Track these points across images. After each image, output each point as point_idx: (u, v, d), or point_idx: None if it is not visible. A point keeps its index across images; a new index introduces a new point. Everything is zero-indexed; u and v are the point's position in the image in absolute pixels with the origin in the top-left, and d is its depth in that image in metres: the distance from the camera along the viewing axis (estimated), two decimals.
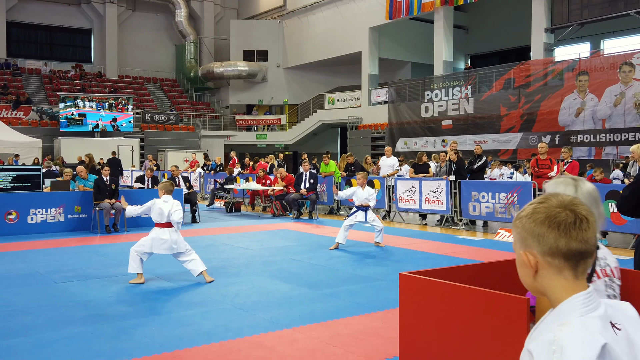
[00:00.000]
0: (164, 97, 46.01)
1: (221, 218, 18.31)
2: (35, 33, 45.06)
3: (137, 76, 46.82)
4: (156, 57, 47.86)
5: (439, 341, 3.44)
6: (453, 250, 11.61)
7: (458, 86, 28.83)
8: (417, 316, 3.58)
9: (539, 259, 1.58)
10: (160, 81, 47.71)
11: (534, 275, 1.61)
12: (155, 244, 8.51)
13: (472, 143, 27.51)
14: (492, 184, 15.30)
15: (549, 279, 1.58)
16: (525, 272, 1.64)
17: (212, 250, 11.75)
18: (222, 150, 41.20)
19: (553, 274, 1.57)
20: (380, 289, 8.16)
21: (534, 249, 1.59)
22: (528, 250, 1.60)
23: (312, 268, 9.79)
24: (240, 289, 8.14)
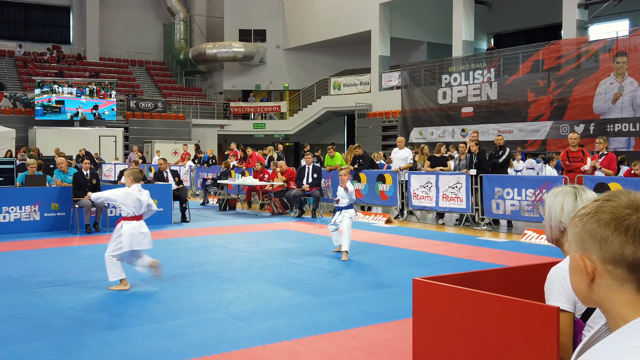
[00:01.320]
0: (151, 82, 46.04)
1: (214, 217, 18.32)
2: (7, 11, 45.11)
3: (121, 59, 46.86)
4: (142, 38, 47.88)
5: (457, 355, 3.43)
6: (474, 253, 11.59)
7: (480, 69, 28.76)
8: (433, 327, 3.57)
9: (598, 266, 1.52)
10: (147, 64, 47.73)
11: (589, 283, 1.55)
12: (136, 240, 8.45)
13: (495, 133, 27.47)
14: (517, 179, 15.27)
15: (607, 291, 1.51)
16: (579, 278, 1.58)
17: (204, 252, 11.76)
18: (215, 141, 41.25)
19: (613, 286, 1.51)
20: (391, 296, 8.15)
21: (593, 254, 1.52)
22: (586, 254, 1.54)
23: (315, 273, 9.79)
24: (235, 295, 8.14)
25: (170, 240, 13.48)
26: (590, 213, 1.54)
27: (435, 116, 30.70)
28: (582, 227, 1.55)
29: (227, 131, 42.22)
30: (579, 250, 1.56)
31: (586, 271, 1.54)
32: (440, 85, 30.54)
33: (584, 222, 1.55)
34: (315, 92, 40.78)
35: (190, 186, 26.42)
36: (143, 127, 39.01)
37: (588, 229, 1.53)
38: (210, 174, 24.31)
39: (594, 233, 1.52)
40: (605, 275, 1.51)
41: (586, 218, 1.55)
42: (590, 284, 1.54)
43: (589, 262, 1.53)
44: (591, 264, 1.53)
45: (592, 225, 1.52)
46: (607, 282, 1.51)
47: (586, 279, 1.55)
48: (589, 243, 1.53)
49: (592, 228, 1.52)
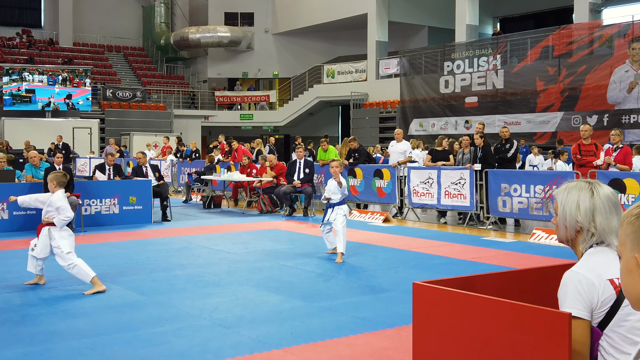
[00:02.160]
0: (129, 69, 45.93)
1: (197, 215, 18.29)
2: None
3: (97, 44, 46.74)
4: (119, 21, 47.76)
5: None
6: (478, 255, 11.60)
7: (485, 56, 28.79)
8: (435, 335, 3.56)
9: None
10: (125, 50, 47.62)
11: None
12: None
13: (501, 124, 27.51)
14: (526, 174, 15.29)
15: None
16: (634, 282, 1.60)
17: (187, 254, 11.74)
18: (198, 133, 41.21)
19: None
20: (389, 301, 8.14)
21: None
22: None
23: (307, 276, 9.78)
24: (221, 301, 8.13)
25: (149, 240, 13.45)
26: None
27: (437, 106, 30.73)
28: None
29: (212, 123, 42.18)
30: (637, 250, 1.58)
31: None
32: (442, 73, 30.56)
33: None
34: (307, 80, 40.75)
35: (171, 182, 26.39)
36: (120, 118, 38.93)
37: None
38: (194, 169, 24.27)
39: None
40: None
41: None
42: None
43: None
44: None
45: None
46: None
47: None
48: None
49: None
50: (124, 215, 15.95)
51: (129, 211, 16.03)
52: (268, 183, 19.16)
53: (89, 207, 15.53)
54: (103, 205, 15.72)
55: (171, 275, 9.81)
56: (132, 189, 16.15)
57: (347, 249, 11.94)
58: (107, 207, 15.77)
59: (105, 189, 15.85)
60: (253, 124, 43.02)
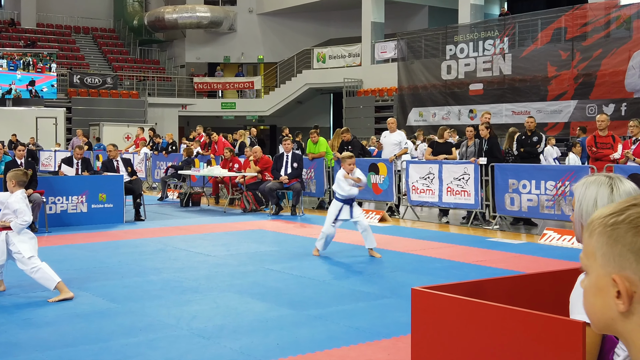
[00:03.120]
0: (99, 53, 45.80)
1: (174, 214, 18.27)
2: None
3: (63, 25, 46.58)
4: (88, 0, 47.58)
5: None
6: (484, 258, 11.62)
7: (491, 38, 28.82)
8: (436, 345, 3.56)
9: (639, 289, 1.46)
10: (94, 32, 47.48)
11: (625, 311, 1.48)
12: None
13: (509, 114, 27.59)
14: (536, 169, 15.31)
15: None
16: (604, 304, 1.52)
17: (162, 257, 11.72)
18: (175, 123, 41.15)
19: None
20: (386, 309, 8.15)
21: (634, 274, 1.46)
22: (623, 273, 1.47)
23: (295, 281, 9.78)
24: (200, 309, 8.12)
25: (121, 242, 13.42)
26: (632, 222, 1.47)
27: (438, 94, 30.75)
28: (619, 238, 1.48)
29: (190, 112, 42.10)
30: (612, 268, 1.50)
31: (626, 294, 1.47)
32: (444, 57, 30.58)
33: (622, 232, 1.48)
34: (296, 65, 40.71)
35: (145, 178, 26.34)
36: (89, 107, 38.81)
37: (630, 243, 1.46)
38: (170, 163, 24.23)
39: (638, 248, 1.45)
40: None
41: (625, 227, 1.48)
42: (625, 310, 1.48)
43: (628, 283, 1.47)
44: (630, 287, 1.47)
45: (636, 237, 1.46)
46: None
47: (623, 305, 1.48)
48: (629, 260, 1.46)
49: (635, 242, 1.46)
50: (93, 214, 15.90)
51: (98, 210, 15.99)
52: (252, 179, 19.14)
53: (54, 206, 15.48)
54: (70, 204, 15.66)
55: (145, 280, 9.79)
56: (102, 186, 16.10)
57: (338, 252, 11.96)
58: (74, 205, 15.72)
59: (72, 186, 15.80)
60: (236, 113, 42.96)
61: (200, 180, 21.93)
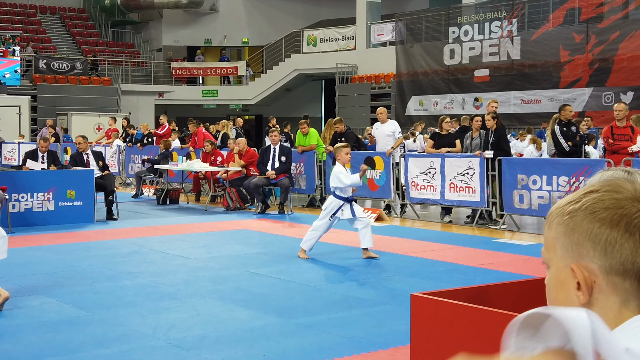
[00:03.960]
0: (67, 35, 45.68)
1: (150, 213, 18.24)
2: None
3: (27, 4, 46.42)
4: None
5: None
6: (490, 261, 11.63)
7: (498, 20, 28.85)
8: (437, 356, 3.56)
9: (599, 278, 1.50)
10: (62, 12, 47.34)
11: (585, 301, 1.52)
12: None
13: (517, 103, 27.62)
14: (547, 163, 15.32)
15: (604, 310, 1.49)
16: (566, 297, 1.56)
17: (137, 260, 11.70)
18: (151, 112, 41.05)
19: (614, 303, 1.50)
20: (383, 316, 8.15)
21: (593, 262, 1.50)
22: (582, 263, 1.52)
23: (283, 286, 9.77)
24: (178, 317, 8.11)
25: (91, 244, 13.39)
26: (587, 208, 1.52)
27: (440, 81, 30.77)
28: (576, 226, 1.52)
29: (168, 100, 42.01)
30: (570, 258, 1.54)
31: (585, 285, 1.51)
32: (447, 41, 30.59)
33: (578, 220, 1.52)
34: (284, 49, 40.69)
35: (118, 172, 26.29)
36: (56, 95, 38.71)
37: (586, 230, 1.51)
38: (145, 157, 24.20)
39: (595, 235, 1.49)
40: (608, 290, 1.50)
41: (581, 215, 1.52)
42: (586, 301, 1.52)
43: (587, 273, 1.51)
44: (589, 276, 1.51)
45: (592, 224, 1.50)
46: (607, 299, 1.50)
47: (583, 296, 1.52)
48: (586, 247, 1.51)
49: (591, 228, 1.50)
50: (61, 212, 15.85)
51: (66, 208, 15.94)
52: (236, 174, 19.12)
53: (17, 203, 15.43)
54: (35, 201, 15.62)
55: (118, 285, 9.77)
56: (71, 181, 16.05)
57: (330, 254, 11.95)
58: (40, 203, 15.67)
59: (37, 181, 15.75)
60: (218, 101, 42.89)
61: (179, 176, 21.88)
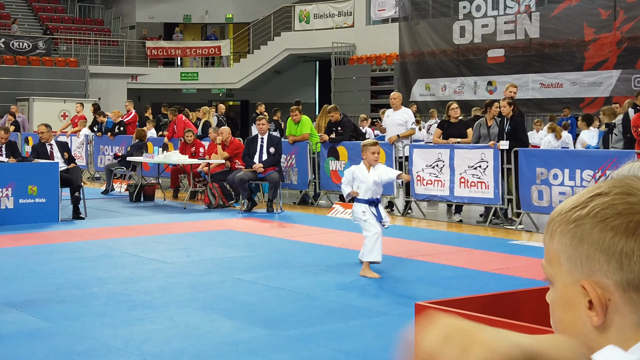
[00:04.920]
0: (28, 10, 45.59)
1: (122, 211, 18.22)
2: None
3: None
4: None
5: None
6: (505, 265, 11.63)
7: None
8: None
9: (615, 296, 1.43)
10: None
11: (599, 323, 1.45)
12: None
13: (536, 87, 27.61)
14: (569, 155, 15.32)
15: (623, 330, 1.44)
16: (575, 318, 1.49)
17: (107, 264, 11.68)
18: (123, 98, 40.86)
19: (633, 322, 1.43)
20: (384, 328, 8.15)
21: (606, 278, 1.43)
22: (594, 279, 1.45)
23: (272, 294, 9.78)
24: (153, 329, 8.10)
25: (56, 246, 13.38)
26: (597, 214, 1.45)
27: (450, 62, 30.76)
28: (584, 236, 1.45)
29: (142, 84, 41.92)
30: (580, 273, 1.47)
31: (600, 304, 1.44)
32: (457, 17, 30.58)
33: (587, 229, 1.45)
34: (273, 26, 40.65)
35: (86, 166, 26.25)
36: (16, 78, 38.64)
37: (597, 240, 1.44)
38: (117, 148, 24.17)
39: (609, 246, 1.43)
40: (625, 307, 1.43)
41: (590, 222, 1.45)
42: (599, 322, 1.45)
43: (600, 290, 1.44)
44: (602, 293, 1.44)
45: (604, 233, 1.43)
46: (624, 317, 1.44)
47: (597, 317, 1.45)
48: (599, 261, 1.44)
49: (603, 238, 1.43)
50: (21, 210, 15.82)
51: (27, 205, 15.91)
52: (219, 167, 19.10)
53: None
54: None
55: (85, 293, 9.76)
56: (32, 176, 16.01)
57: (325, 258, 11.95)
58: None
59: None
60: (198, 85, 42.81)
61: (155, 169, 21.85)
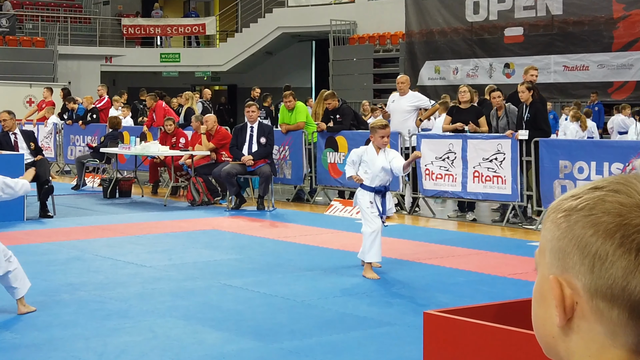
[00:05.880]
0: None
1: (95, 209, 18.22)
2: None
3: None
4: None
5: None
6: (524, 270, 11.63)
7: None
8: None
9: (582, 300, 1.44)
10: None
11: (564, 324, 1.47)
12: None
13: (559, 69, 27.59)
14: (595, 145, 15.35)
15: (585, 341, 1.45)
16: (544, 312, 1.51)
17: (78, 268, 11.69)
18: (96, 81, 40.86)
19: (598, 335, 1.43)
20: (388, 340, 8.17)
21: (576, 278, 1.44)
22: (566, 276, 1.46)
23: (263, 302, 9.79)
24: (130, 340, 8.11)
25: (21, 248, 13.34)
26: (584, 208, 1.46)
27: (462, 42, 30.74)
28: (568, 229, 1.47)
29: (118, 66, 41.90)
30: (556, 267, 1.48)
31: (563, 304, 1.46)
32: None
33: (572, 221, 1.47)
34: (264, 2, 40.64)
35: (55, 158, 26.23)
36: None
37: (577, 236, 1.45)
38: (89, 138, 24.15)
39: (586, 244, 1.44)
40: (591, 316, 1.44)
41: (576, 216, 1.47)
42: (566, 325, 1.47)
43: (569, 290, 1.46)
44: (571, 294, 1.45)
45: (585, 230, 1.44)
46: (590, 327, 1.45)
47: (560, 317, 1.47)
48: (574, 259, 1.45)
49: (583, 235, 1.45)
50: None
51: None
52: (204, 159, 19.10)
53: None
54: None
55: (54, 301, 9.77)
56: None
57: (323, 262, 11.96)
58: None
59: None
60: (181, 68, 42.79)
61: (131, 162, 21.83)
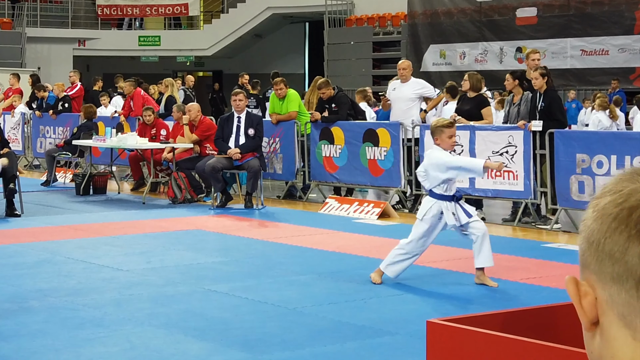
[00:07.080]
0: None
1: (67, 207, 18.23)
2: None
3: None
4: None
5: None
6: (538, 273, 11.65)
7: None
8: None
9: (599, 294, 1.49)
10: None
11: (589, 327, 1.51)
12: None
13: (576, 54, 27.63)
14: (615, 137, 15.35)
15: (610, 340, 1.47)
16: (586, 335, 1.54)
17: (49, 272, 11.69)
18: (68, 67, 40.87)
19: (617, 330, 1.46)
20: (388, 350, 8.20)
21: (592, 274, 1.50)
22: (585, 277, 1.52)
23: (251, 309, 9.81)
24: (105, 351, 8.12)
25: None
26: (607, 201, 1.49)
27: (469, 24, 30.77)
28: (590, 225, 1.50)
29: (92, 50, 41.86)
30: (582, 272, 1.54)
31: (579, 303, 1.51)
32: None
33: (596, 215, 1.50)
34: None
35: (23, 151, 26.23)
36: None
37: (591, 229, 1.50)
38: (60, 129, 24.14)
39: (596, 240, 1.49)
40: (608, 309, 1.47)
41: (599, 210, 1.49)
42: (590, 328, 1.51)
43: (588, 288, 1.51)
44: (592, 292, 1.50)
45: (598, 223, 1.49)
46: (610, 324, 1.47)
47: (585, 320, 1.51)
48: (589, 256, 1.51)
49: (596, 228, 1.49)
50: None
51: None
52: (186, 152, 19.11)
53: None
54: None
55: (22, 308, 9.77)
56: None
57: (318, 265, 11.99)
58: None
59: None
60: (161, 52, 42.78)
61: (107, 155, 21.83)
